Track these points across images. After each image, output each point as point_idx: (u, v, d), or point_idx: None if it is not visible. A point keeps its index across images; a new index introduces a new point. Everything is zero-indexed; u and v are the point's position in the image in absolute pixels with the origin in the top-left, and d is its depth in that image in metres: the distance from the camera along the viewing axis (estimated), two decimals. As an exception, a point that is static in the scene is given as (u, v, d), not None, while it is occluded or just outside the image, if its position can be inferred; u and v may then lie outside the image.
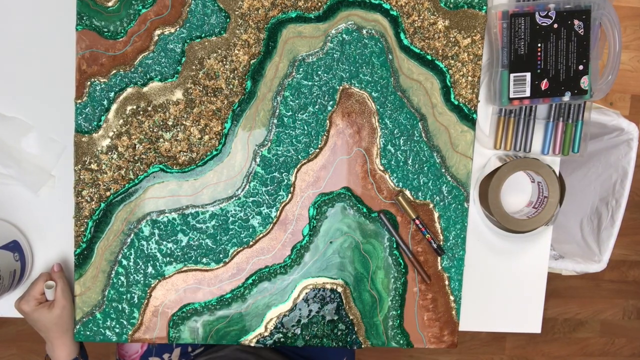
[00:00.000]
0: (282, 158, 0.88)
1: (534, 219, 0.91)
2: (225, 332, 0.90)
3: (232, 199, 0.88)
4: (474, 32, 0.87)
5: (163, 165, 0.87)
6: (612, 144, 1.20)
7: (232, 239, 0.88)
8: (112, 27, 0.84)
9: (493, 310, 0.97)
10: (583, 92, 0.87)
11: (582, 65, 0.86)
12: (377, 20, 0.86)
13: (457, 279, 0.91)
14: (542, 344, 1.90)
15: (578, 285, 1.88)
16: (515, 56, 0.86)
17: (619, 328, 1.92)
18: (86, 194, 0.86)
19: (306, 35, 0.86)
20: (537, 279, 0.97)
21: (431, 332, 0.92)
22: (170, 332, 0.89)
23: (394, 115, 0.88)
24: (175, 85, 0.86)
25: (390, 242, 0.90)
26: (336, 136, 0.88)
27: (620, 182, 1.18)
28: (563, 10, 0.85)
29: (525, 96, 0.87)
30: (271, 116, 0.87)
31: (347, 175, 0.88)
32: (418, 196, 0.89)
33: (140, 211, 0.87)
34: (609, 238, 1.19)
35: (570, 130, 0.91)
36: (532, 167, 0.89)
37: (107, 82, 0.85)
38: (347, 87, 0.87)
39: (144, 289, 0.88)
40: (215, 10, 0.85)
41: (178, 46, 0.85)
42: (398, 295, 0.91)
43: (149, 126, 0.86)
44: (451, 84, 0.88)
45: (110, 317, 0.89)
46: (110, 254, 0.87)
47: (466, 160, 0.89)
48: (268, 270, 0.89)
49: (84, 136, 0.86)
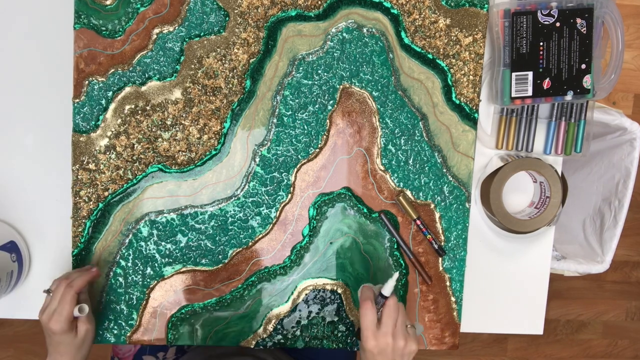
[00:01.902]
0: (281, 158, 0.87)
1: (536, 220, 0.90)
2: (225, 333, 0.89)
3: (231, 199, 0.87)
4: (475, 31, 0.87)
5: (162, 165, 0.86)
6: (615, 144, 1.19)
7: (232, 239, 0.88)
8: (110, 26, 0.84)
9: (495, 312, 0.96)
10: (585, 91, 0.87)
11: (584, 64, 0.86)
12: (378, 18, 0.86)
13: (458, 280, 0.90)
14: (544, 345, 1.90)
15: (580, 286, 1.88)
16: (517, 55, 0.85)
17: (622, 329, 1.92)
18: (84, 194, 0.86)
19: (306, 33, 0.85)
20: (539, 279, 0.96)
21: (432, 333, 0.91)
22: (169, 333, 0.89)
23: (394, 114, 0.87)
24: (174, 84, 0.85)
25: (391, 242, 0.89)
26: (336, 136, 0.87)
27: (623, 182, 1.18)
28: (565, 9, 0.84)
29: (527, 95, 0.86)
30: (271, 115, 0.86)
31: (348, 175, 0.88)
32: (419, 196, 0.89)
33: (138, 211, 0.86)
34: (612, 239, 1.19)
35: (572, 130, 0.91)
36: (534, 167, 0.89)
37: (105, 81, 0.84)
38: (347, 86, 0.86)
39: (143, 290, 0.88)
40: (214, 8, 0.84)
41: (177, 45, 0.85)
42: (399, 296, 0.90)
43: (148, 126, 0.85)
44: (452, 83, 0.87)
45: (108, 319, 0.88)
46: (109, 255, 0.87)
47: (467, 160, 0.89)
48: (267, 271, 0.89)
49: (82, 136, 0.85)
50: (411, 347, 0.75)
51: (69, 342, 0.78)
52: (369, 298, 0.76)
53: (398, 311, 0.76)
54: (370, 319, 0.75)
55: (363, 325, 0.75)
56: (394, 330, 0.74)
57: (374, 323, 0.75)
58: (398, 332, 0.74)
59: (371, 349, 0.74)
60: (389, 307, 0.75)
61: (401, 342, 0.74)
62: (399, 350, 0.74)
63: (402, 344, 0.74)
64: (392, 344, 0.74)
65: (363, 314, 0.75)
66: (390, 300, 0.76)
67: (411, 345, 0.75)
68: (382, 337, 0.74)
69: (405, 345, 0.74)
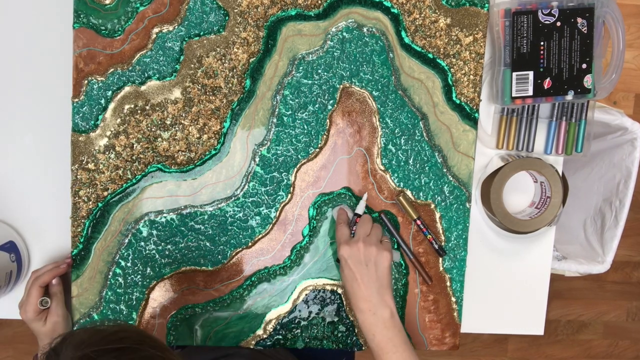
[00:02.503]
0: (281, 158, 0.87)
1: (537, 220, 0.90)
2: (224, 334, 0.89)
3: (231, 199, 0.87)
4: (475, 30, 0.87)
5: (161, 164, 0.86)
6: (616, 144, 1.19)
7: (231, 239, 0.87)
8: (109, 25, 0.84)
9: (495, 312, 0.96)
10: (586, 91, 0.86)
11: (585, 63, 0.86)
12: (378, 18, 0.85)
13: (458, 280, 0.90)
14: (545, 345, 1.89)
15: (581, 286, 1.87)
16: (518, 54, 0.85)
17: (623, 330, 1.91)
18: (83, 194, 0.85)
19: (306, 33, 0.85)
20: (540, 280, 0.96)
21: (432, 333, 0.91)
22: (169, 334, 0.89)
23: (394, 114, 0.87)
24: (173, 83, 0.85)
25: (391, 242, 0.89)
26: (336, 135, 0.87)
27: (624, 182, 1.17)
28: (566, 8, 0.84)
29: (528, 95, 0.86)
30: (270, 115, 0.86)
31: (348, 175, 0.87)
32: (419, 196, 0.88)
33: (138, 211, 0.86)
34: (613, 239, 1.18)
35: (573, 130, 0.91)
36: (535, 167, 0.89)
37: (105, 80, 0.84)
38: (347, 86, 0.86)
39: (142, 290, 0.88)
40: (214, 8, 0.84)
41: (176, 44, 0.84)
42: (399, 296, 0.90)
43: (147, 125, 0.85)
44: (453, 82, 0.87)
45: (108, 319, 0.88)
46: (108, 255, 0.87)
47: (468, 160, 0.88)
48: (267, 272, 0.88)
49: (81, 135, 0.85)
50: (383, 254, 0.78)
51: (39, 330, 0.84)
52: (343, 220, 0.83)
53: (371, 224, 0.82)
54: (344, 233, 0.81)
55: (337, 239, 0.81)
56: (365, 238, 0.79)
57: (347, 235, 0.80)
58: (370, 240, 0.79)
59: (343, 255, 0.79)
60: (362, 220, 0.82)
61: (372, 249, 0.78)
62: (370, 256, 0.78)
63: (373, 250, 0.78)
64: (363, 249, 0.78)
65: (338, 231, 0.81)
66: (363, 215, 0.82)
67: (383, 253, 0.78)
68: (354, 244, 0.78)
69: (377, 252, 0.78)
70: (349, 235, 0.81)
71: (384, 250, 0.79)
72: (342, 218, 0.84)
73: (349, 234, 0.81)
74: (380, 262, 0.78)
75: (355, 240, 0.79)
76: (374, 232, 0.81)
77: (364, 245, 0.78)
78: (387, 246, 0.80)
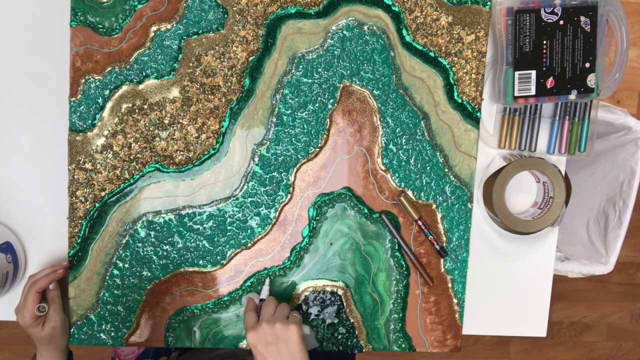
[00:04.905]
0: (281, 157, 0.86)
1: (539, 220, 0.89)
2: (223, 335, 0.88)
3: (230, 199, 0.86)
4: (477, 29, 0.86)
5: (159, 164, 0.85)
6: (619, 143, 1.18)
7: (230, 240, 0.87)
8: (107, 24, 0.83)
9: (497, 313, 0.95)
10: (590, 90, 0.86)
11: (588, 62, 0.85)
12: (379, 16, 0.85)
13: (460, 281, 0.89)
14: (548, 347, 1.88)
15: (584, 287, 1.86)
16: (520, 53, 0.84)
17: (626, 332, 1.90)
18: (80, 194, 0.85)
19: (306, 31, 0.84)
20: (543, 281, 0.95)
21: (434, 335, 0.90)
22: (167, 335, 0.88)
23: (395, 113, 0.86)
24: (171, 82, 0.84)
25: (392, 243, 0.88)
26: (336, 135, 0.86)
27: (628, 182, 1.16)
28: (569, 7, 0.83)
29: (531, 94, 0.85)
30: (270, 114, 0.85)
31: (348, 175, 0.87)
32: (420, 196, 0.88)
33: (135, 212, 0.85)
34: (616, 239, 1.18)
35: (576, 129, 0.90)
36: (538, 167, 0.88)
37: (102, 79, 0.83)
38: (347, 85, 0.85)
39: (140, 291, 0.87)
40: (212, 6, 0.83)
41: (175, 43, 0.84)
42: (400, 298, 0.89)
43: (145, 125, 0.84)
44: (454, 81, 0.86)
45: (106, 320, 0.87)
46: (105, 256, 0.86)
47: (470, 159, 0.87)
48: (267, 273, 0.88)
49: (78, 135, 0.84)
50: (290, 328, 0.77)
51: (37, 335, 0.83)
52: (251, 308, 0.82)
53: (275, 304, 0.80)
54: (250, 319, 0.79)
55: (245, 327, 0.79)
56: (269, 318, 0.77)
57: (254, 321, 0.79)
58: (274, 319, 0.77)
59: (250, 341, 0.77)
60: (265, 302, 0.81)
61: (277, 326, 0.76)
62: (277, 334, 0.76)
63: (279, 328, 0.76)
64: (268, 329, 0.76)
65: (245, 319, 0.80)
66: (267, 299, 0.81)
67: (290, 327, 0.77)
68: (259, 327, 0.77)
69: (283, 328, 0.76)
70: (255, 320, 0.79)
71: (290, 324, 0.77)
72: (249, 306, 0.82)
73: (256, 319, 0.79)
74: (289, 338, 0.76)
75: (259, 323, 0.78)
76: (279, 311, 0.79)
77: (268, 325, 0.76)
78: (294, 320, 0.78)
